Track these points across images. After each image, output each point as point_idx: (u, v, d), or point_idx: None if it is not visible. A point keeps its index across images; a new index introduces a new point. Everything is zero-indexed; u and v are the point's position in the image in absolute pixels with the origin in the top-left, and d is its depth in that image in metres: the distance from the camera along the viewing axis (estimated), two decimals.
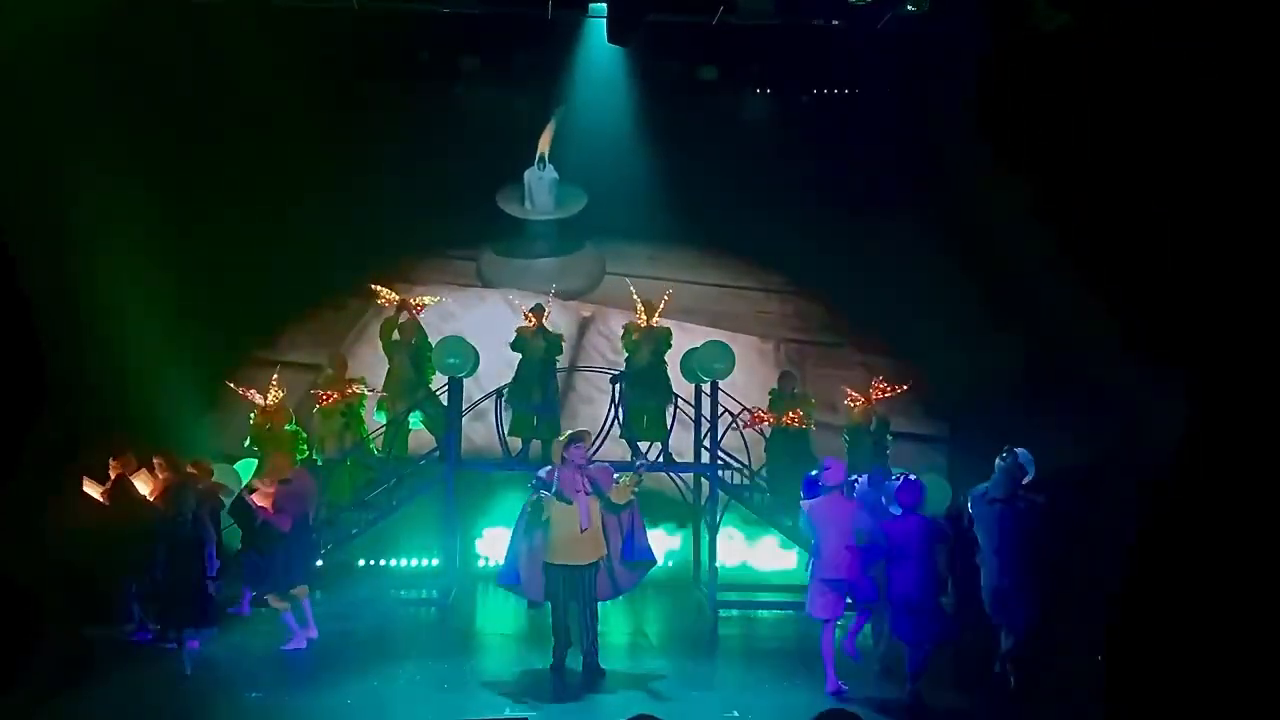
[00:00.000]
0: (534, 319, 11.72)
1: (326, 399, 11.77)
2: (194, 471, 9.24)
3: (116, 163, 11.17)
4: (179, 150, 12.37)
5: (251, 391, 11.55)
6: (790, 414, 11.97)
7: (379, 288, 12.17)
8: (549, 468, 8.95)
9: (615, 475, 9.09)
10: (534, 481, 8.94)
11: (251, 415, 11.52)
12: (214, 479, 9.58)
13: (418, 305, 12.11)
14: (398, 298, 12.11)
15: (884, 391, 12.08)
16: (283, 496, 9.34)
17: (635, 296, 12.05)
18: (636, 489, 9.00)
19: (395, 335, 11.98)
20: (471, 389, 11.85)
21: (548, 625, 9.16)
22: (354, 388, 11.86)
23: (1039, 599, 8.21)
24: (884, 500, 8.74)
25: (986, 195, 12.66)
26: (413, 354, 11.90)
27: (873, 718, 7.51)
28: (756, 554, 13.22)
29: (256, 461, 11.21)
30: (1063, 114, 11.79)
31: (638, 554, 9.08)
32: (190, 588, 8.48)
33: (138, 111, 11.48)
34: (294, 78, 12.97)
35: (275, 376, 11.66)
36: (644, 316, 11.76)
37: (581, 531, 8.68)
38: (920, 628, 7.92)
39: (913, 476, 8.60)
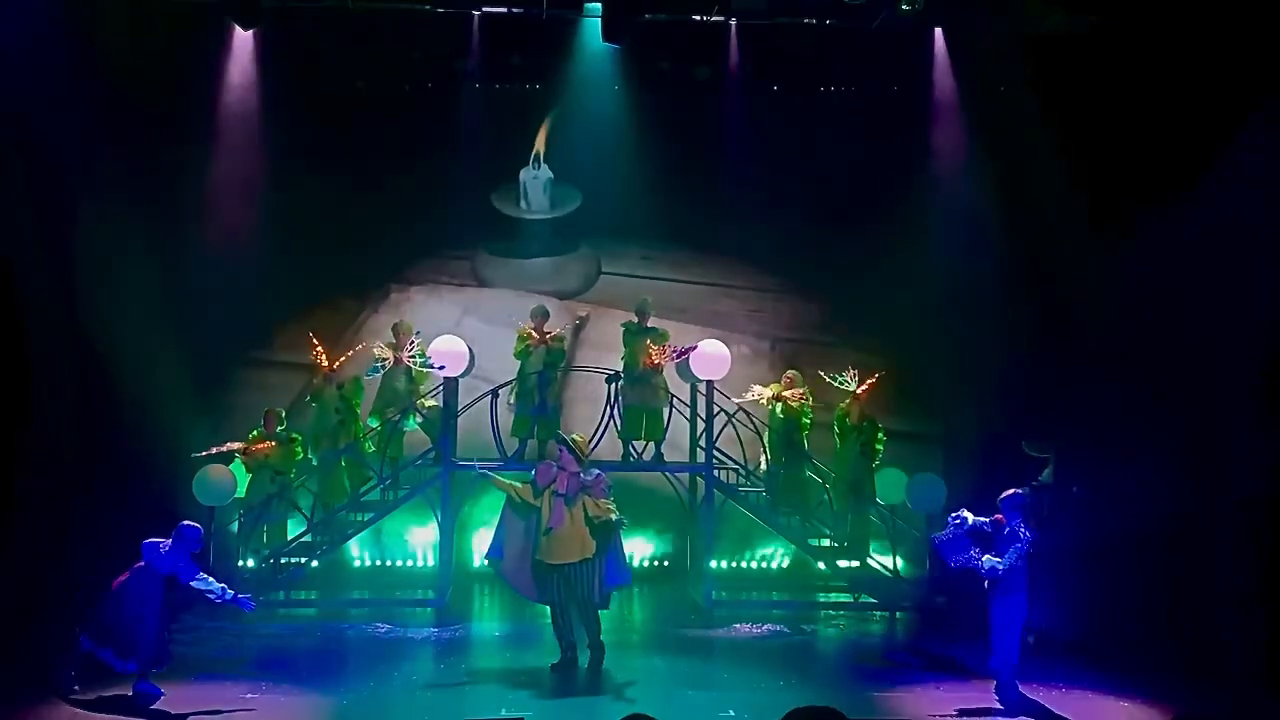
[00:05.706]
0: (536, 335, 11.71)
1: (319, 357, 11.77)
2: None
3: (112, 164, 11.17)
4: (174, 152, 12.37)
5: (254, 449, 11.43)
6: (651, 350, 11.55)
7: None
8: (544, 463, 9.10)
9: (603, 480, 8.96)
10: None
11: (238, 457, 11.38)
12: None
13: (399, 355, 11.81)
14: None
15: (866, 389, 12.13)
16: None
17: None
18: (612, 514, 8.75)
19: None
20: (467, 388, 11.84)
21: (543, 625, 9.12)
22: (343, 361, 11.83)
23: None
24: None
25: (982, 193, 12.70)
26: (406, 369, 11.87)
27: None
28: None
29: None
30: (1058, 111, 11.79)
31: (609, 579, 8.87)
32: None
33: (134, 112, 11.47)
34: (288, 79, 13.02)
35: (294, 444, 11.63)
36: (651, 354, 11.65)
37: (546, 532, 8.66)
38: None
39: None
